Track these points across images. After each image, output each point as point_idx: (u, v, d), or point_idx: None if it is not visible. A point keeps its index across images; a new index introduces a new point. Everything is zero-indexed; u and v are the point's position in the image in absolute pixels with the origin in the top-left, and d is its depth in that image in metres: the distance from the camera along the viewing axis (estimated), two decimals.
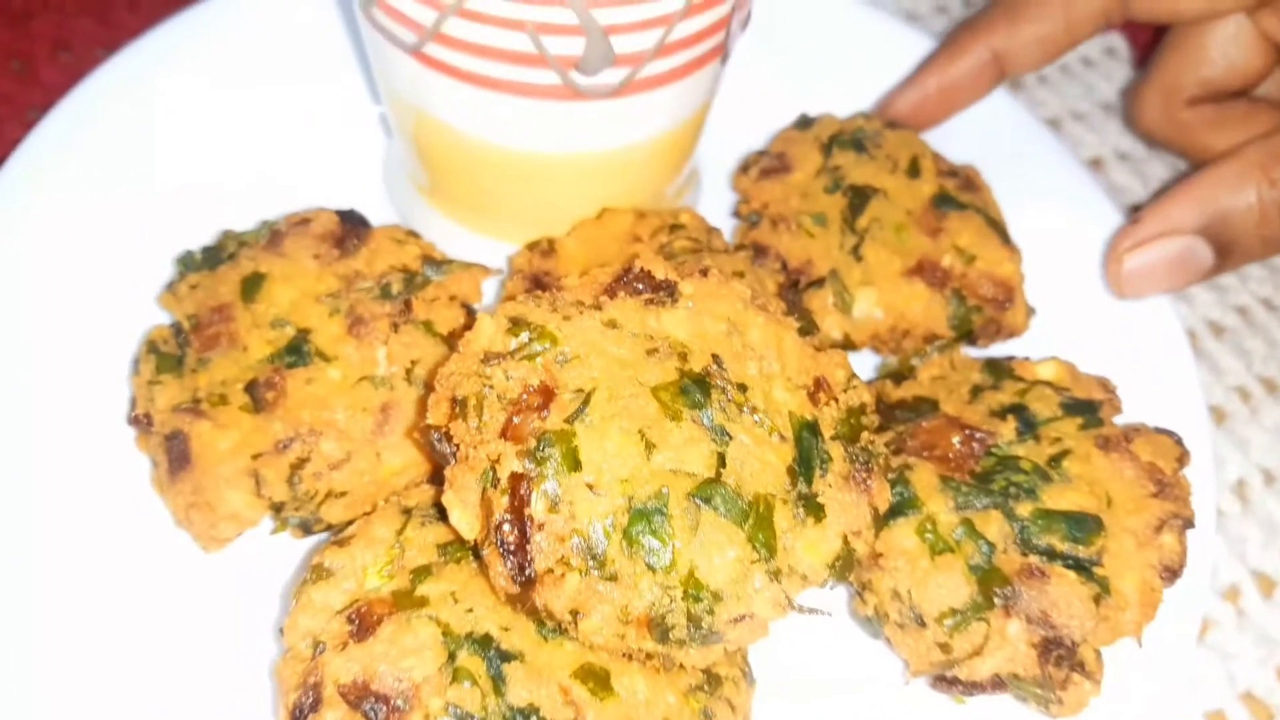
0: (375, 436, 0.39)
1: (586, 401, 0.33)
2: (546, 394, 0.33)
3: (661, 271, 0.37)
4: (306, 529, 0.39)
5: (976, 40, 0.52)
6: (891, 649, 0.38)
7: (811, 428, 0.35)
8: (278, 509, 0.38)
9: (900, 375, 0.44)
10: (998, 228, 0.47)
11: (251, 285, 0.41)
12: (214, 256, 0.43)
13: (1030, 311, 0.47)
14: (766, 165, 0.50)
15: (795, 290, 0.46)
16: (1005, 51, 0.52)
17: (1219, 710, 0.42)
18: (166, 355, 0.41)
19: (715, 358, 0.35)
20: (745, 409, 0.34)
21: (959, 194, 0.48)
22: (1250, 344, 0.53)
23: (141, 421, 0.40)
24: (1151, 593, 0.37)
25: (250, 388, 0.39)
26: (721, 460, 0.33)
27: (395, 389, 0.39)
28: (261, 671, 0.37)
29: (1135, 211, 0.56)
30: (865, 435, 0.37)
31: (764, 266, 0.46)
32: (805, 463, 0.34)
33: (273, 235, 0.43)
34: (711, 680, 0.35)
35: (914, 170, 0.49)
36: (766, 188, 0.49)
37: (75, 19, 0.60)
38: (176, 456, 0.39)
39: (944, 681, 0.37)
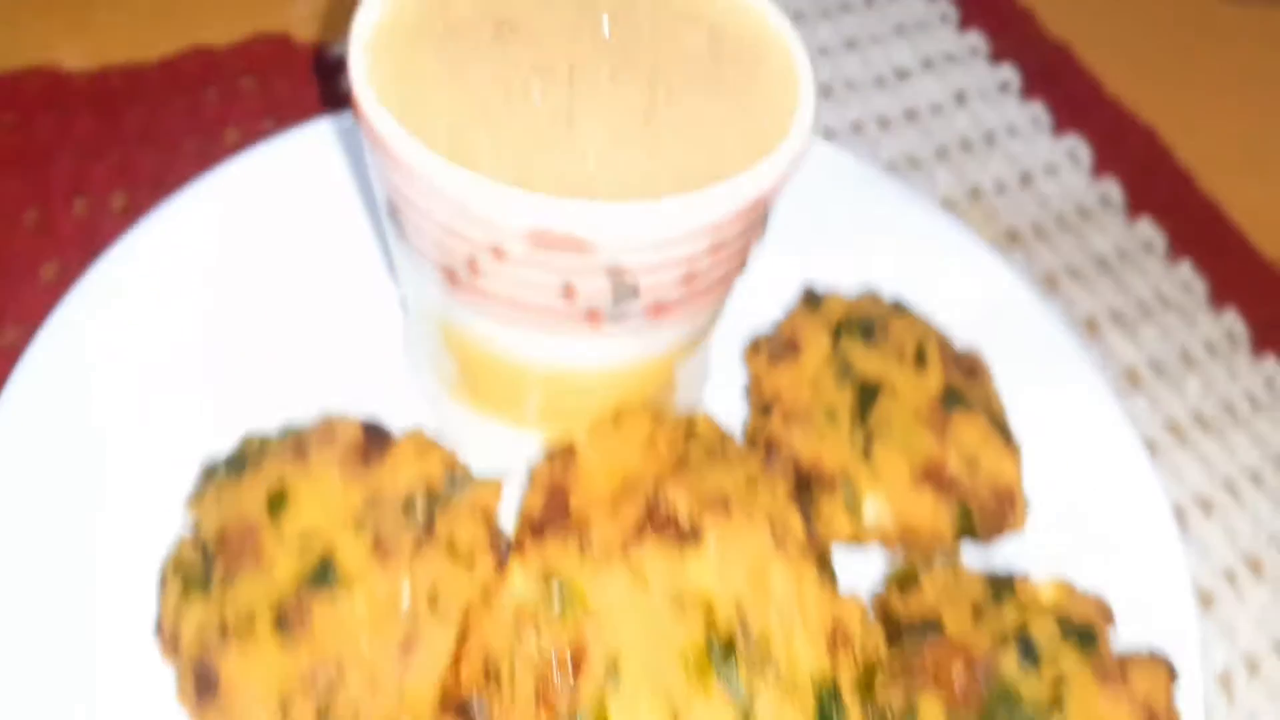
0: (400, 667, 0.40)
1: (616, 669, 0.34)
2: (578, 658, 0.35)
3: (686, 511, 0.39)
4: None
5: None
6: None
7: (832, 691, 0.37)
8: None
9: (906, 581, 0.46)
10: (999, 426, 0.49)
11: (277, 501, 0.42)
12: (238, 464, 0.44)
13: (1026, 510, 0.48)
14: (776, 349, 0.51)
15: (806, 492, 0.47)
16: None
17: None
18: (193, 573, 0.41)
19: (741, 616, 0.36)
20: (768, 667, 0.36)
21: (963, 388, 0.50)
22: (1238, 522, 0.55)
23: (168, 639, 0.41)
24: None
25: (278, 617, 0.40)
26: None
27: (419, 617, 0.40)
28: None
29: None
30: (880, 688, 0.38)
31: (775, 464, 0.48)
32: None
33: (297, 445, 0.43)
34: None
35: (920, 359, 0.50)
36: (778, 374, 0.50)
37: (92, 163, 0.60)
38: (205, 685, 0.39)
39: None
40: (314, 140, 0.55)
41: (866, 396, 0.49)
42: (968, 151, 0.69)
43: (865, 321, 0.51)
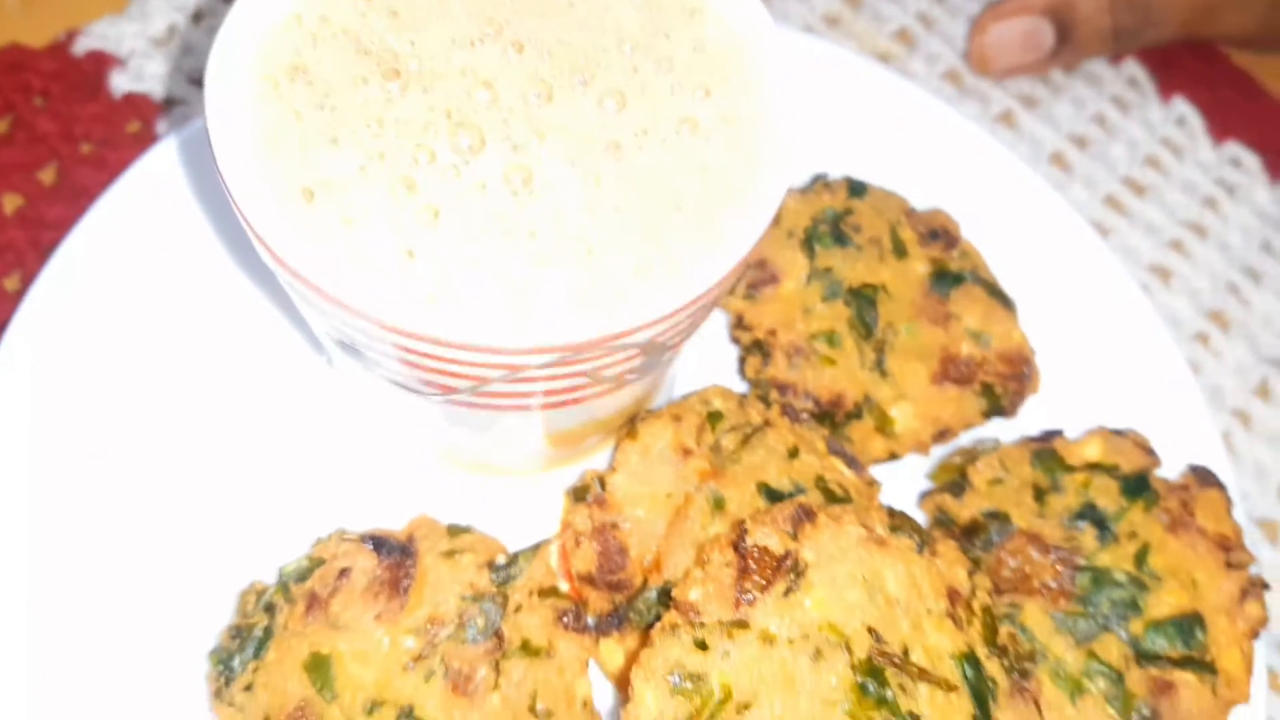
0: None
1: None
2: None
3: (776, 542, 0.36)
4: None
5: None
6: None
7: (972, 662, 0.36)
8: None
9: (957, 486, 0.45)
10: (993, 290, 0.47)
11: (320, 674, 0.37)
12: (251, 641, 0.38)
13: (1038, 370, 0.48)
14: (751, 277, 0.47)
15: (833, 424, 0.45)
16: None
17: None
18: None
19: (873, 632, 0.35)
20: (918, 678, 0.35)
21: (948, 262, 0.47)
22: (1196, 281, 0.57)
23: None
24: (1250, 660, 0.41)
25: None
26: None
27: None
28: None
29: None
30: (1003, 631, 0.38)
31: (796, 408, 0.45)
32: (981, 703, 0.36)
33: (310, 602, 0.38)
34: None
35: (899, 249, 0.47)
36: (762, 308, 0.46)
37: None
38: None
39: None
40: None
41: (863, 308, 0.46)
42: None
43: (833, 222, 0.47)
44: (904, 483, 0.46)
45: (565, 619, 0.39)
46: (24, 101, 0.52)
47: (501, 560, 0.39)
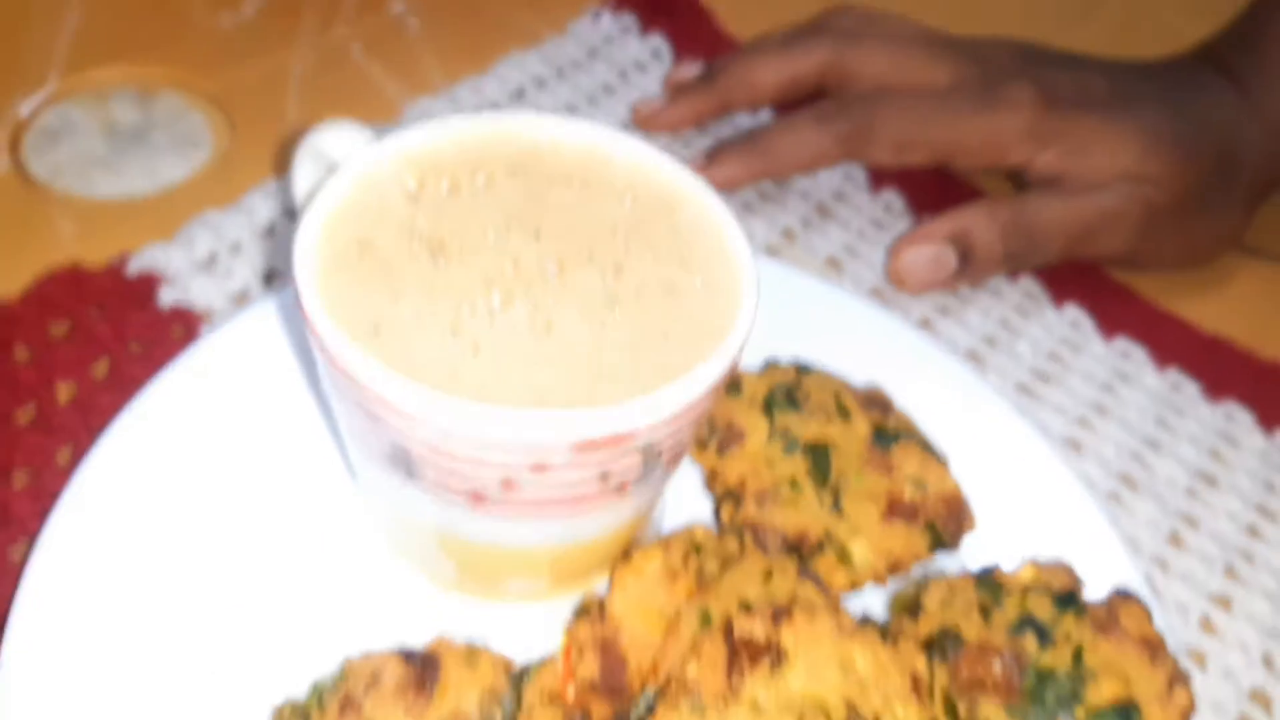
0: None
1: None
2: None
3: (760, 631, 0.41)
4: None
5: None
6: None
7: None
8: None
9: (912, 607, 0.51)
10: (926, 446, 0.55)
11: None
12: None
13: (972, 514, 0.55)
14: (721, 439, 0.55)
15: (801, 559, 0.51)
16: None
17: None
18: None
19: (849, 704, 0.40)
20: None
21: (886, 424, 0.56)
22: (1104, 449, 0.65)
23: None
24: None
25: None
26: None
27: None
28: None
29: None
30: (961, 709, 0.43)
31: (766, 543, 0.51)
32: None
33: (344, 705, 0.42)
34: None
35: (844, 412, 0.56)
36: (731, 463, 0.54)
37: None
38: None
39: None
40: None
41: (818, 460, 0.53)
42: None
43: (787, 391, 0.56)
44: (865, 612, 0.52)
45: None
46: (82, 311, 0.61)
47: (516, 669, 0.44)
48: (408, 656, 0.43)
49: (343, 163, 0.44)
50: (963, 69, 0.73)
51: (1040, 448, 0.59)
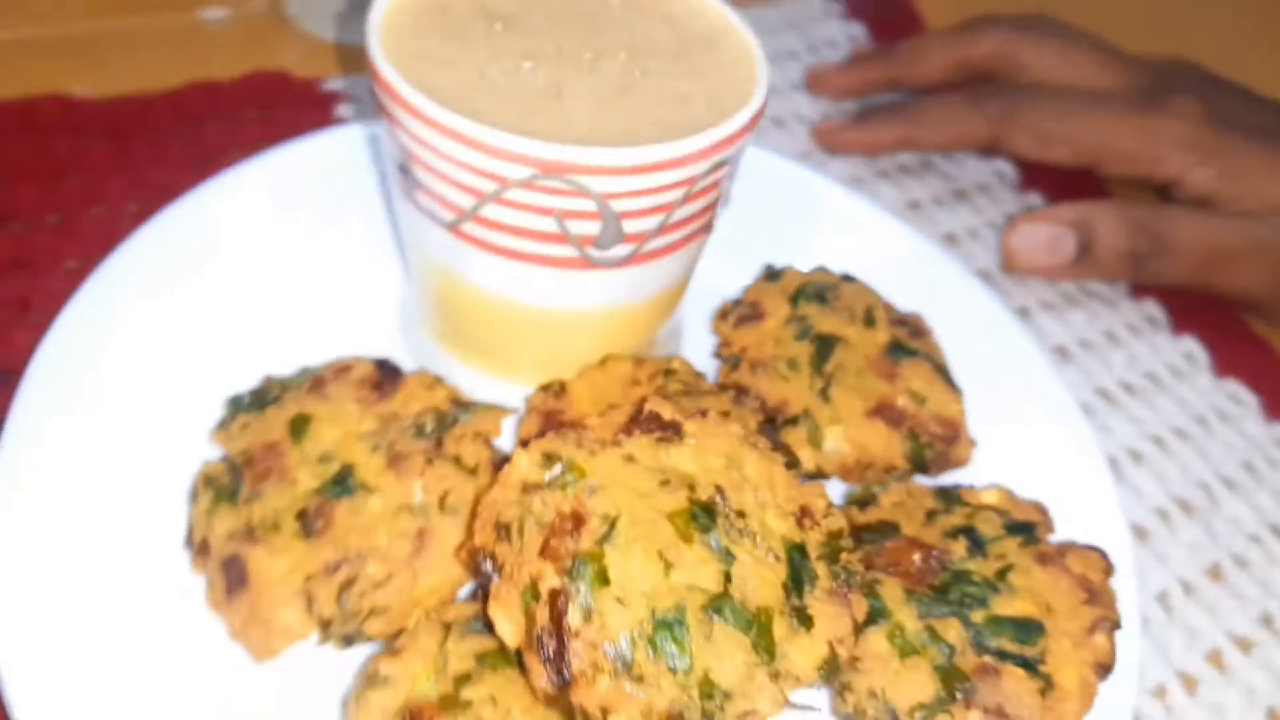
0: (413, 559, 0.44)
1: (613, 527, 0.39)
2: (578, 520, 0.39)
3: (669, 413, 0.44)
4: (348, 642, 0.44)
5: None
6: None
7: (800, 550, 0.41)
8: (326, 625, 0.43)
9: (865, 501, 0.51)
10: (943, 373, 0.55)
11: (299, 426, 0.46)
12: (261, 399, 0.48)
13: (972, 444, 0.54)
14: (742, 313, 0.57)
15: (773, 427, 0.53)
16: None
17: None
18: (221, 488, 0.46)
19: (719, 488, 0.41)
20: (745, 533, 0.40)
21: (909, 342, 0.56)
22: (1167, 469, 0.61)
23: (199, 546, 0.45)
24: (1088, 686, 0.43)
25: (301, 517, 0.44)
26: (728, 577, 0.39)
27: (430, 517, 0.44)
28: None
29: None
30: (844, 555, 0.43)
31: (745, 405, 0.53)
32: (797, 580, 0.40)
33: (315, 381, 0.48)
34: None
35: (870, 320, 0.56)
36: (744, 334, 0.56)
37: (107, 179, 0.66)
38: (234, 579, 0.43)
39: None
40: (333, 142, 0.62)
41: (823, 348, 0.54)
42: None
43: (820, 288, 0.57)
44: None
45: (497, 460, 0.47)
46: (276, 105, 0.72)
47: (466, 403, 0.49)
48: (381, 363, 0.49)
49: None
50: (1132, 78, 0.71)
51: (1071, 413, 0.56)
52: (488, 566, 0.39)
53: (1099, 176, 0.75)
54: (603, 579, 0.38)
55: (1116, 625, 0.44)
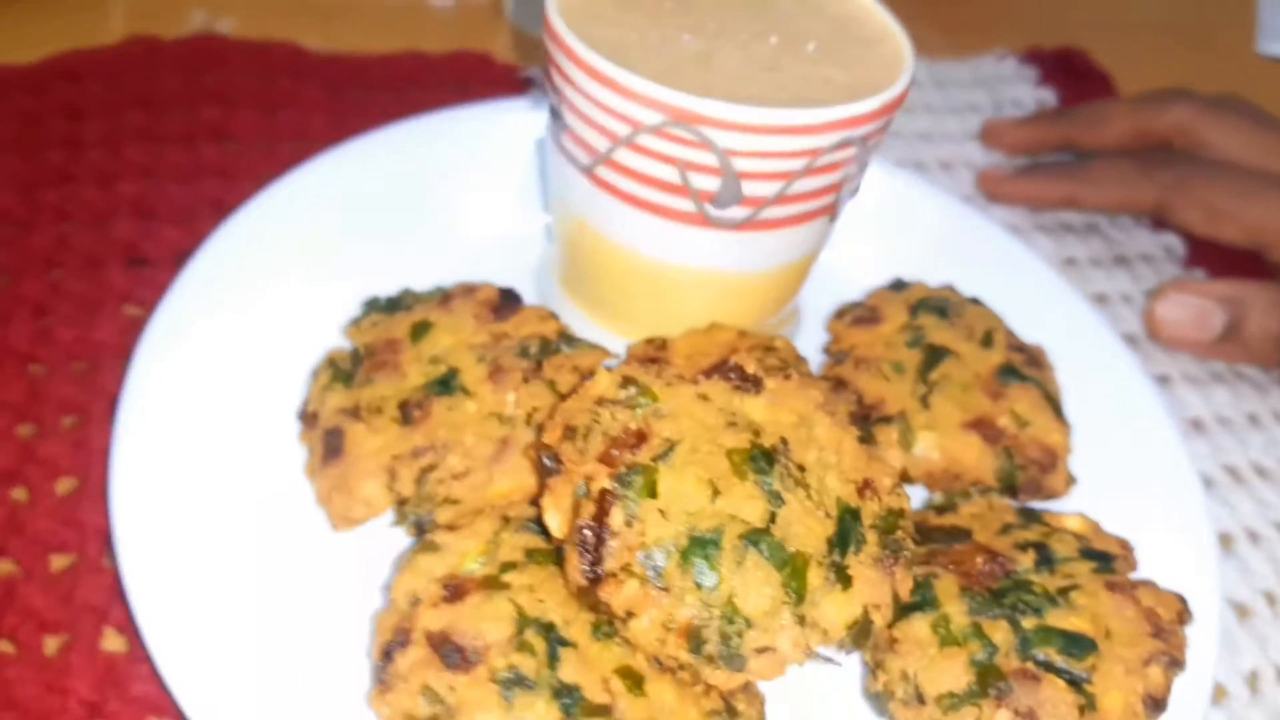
0: (493, 461, 0.47)
1: (671, 448, 0.41)
2: (641, 436, 0.41)
3: (753, 367, 0.45)
4: (420, 528, 0.47)
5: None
6: None
7: (854, 513, 0.42)
8: (402, 504, 0.46)
9: (944, 509, 0.50)
10: (1052, 402, 0.54)
11: (420, 329, 0.51)
12: (394, 305, 0.53)
13: (1071, 480, 0.53)
14: (859, 315, 0.58)
15: (866, 423, 0.53)
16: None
17: None
18: (340, 371, 0.50)
19: (784, 440, 0.42)
20: (800, 484, 0.41)
21: (1023, 368, 0.55)
22: None
23: (309, 418, 0.49)
24: (1133, 717, 0.41)
25: (402, 405, 0.48)
26: (773, 518, 0.40)
27: (516, 428, 0.47)
28: (366, 621, 0.44)
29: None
30: (900, 533, 0.43)
31: (841, 398, 0.54)
32: (843, 538, 0.41)
33: (444, 296, 0.53)
34: (730, 711, 0.41)
35: (987, 341, 0.56)
36: (856, 334, 0.57)
37: (313, 117, 0.73)
38: (331, 447, 0.48)
39: None
40: (505, 110, 0.68)
41: (932, 357, 0.55)
42: None
43: (942, 304, 0.58)
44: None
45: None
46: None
47: (574, 338, 0.52)
48: (505, 290, 0.53)
49: None
50: None
51: (1186, 476, 0.54)
52: (550, 463, 0.42)
53: (1269, 263, 0.71)
54: (651, 491, 0.39)
55: (1178, 664, 0.42)
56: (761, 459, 0.41)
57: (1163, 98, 0.75)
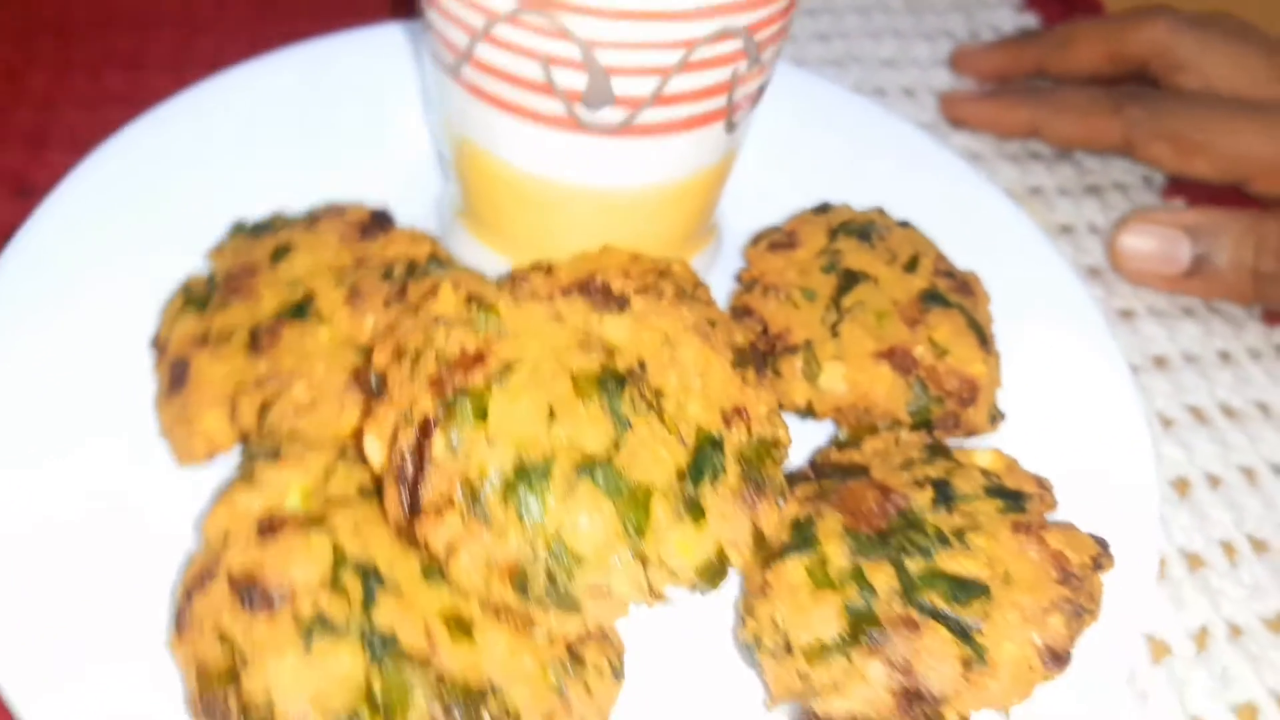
0: (344, 393, 0.43)
1: (509, 370, 0.37)
2: (478, 358, 0.37)
3: (619, 285, 0.41)
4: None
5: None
6: (761, 676, 0.39)
7: (714, 442, 0.37)
8: (244, 438, 0.43)
9: (846, 445, 0.46)
10: (978, 330, 0.49)
11: (280, 252, 0.47)
12: (261, 229, 0.49)
13: (997, 415, 0.48)
14: (775, 240, 0.53)
15: (770, 353, 0.48)
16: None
17: None
18: (194, 297, 0.47)
19: (641, 363, 0.38)
20: (653, 409, 0.37)
21: (949, 294, 0.50)
22: (1248, 502, 0.52)
23: (159, 346, 0.46)
24: (1028, 671, 0.36)
25: (253, 332, 0.44)
26: (616, 446, 0.36)
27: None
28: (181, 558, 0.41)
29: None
30: (769, 465, 0.39)
31: (743, 325, 0.49)
32: (697, 469, 0.37)
33: (311, 218, 0.49)
34: (575, 660, 0.37)
35: (912, 265, 0.51)
36: (770, 259, 0.52)
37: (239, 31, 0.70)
38: (176, 378, 0.44)
39: (805, 715, 0.37)
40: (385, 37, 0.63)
41: (847, 282, 0.50)
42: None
43: (866, 227, 0.53)
44: (806, 444, 0.47)
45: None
46: None
47: (445, 259, 0.48)
48: (376, 211, 0.49)
49: None
50: None
51: (1134, 418, 0.49)
52: (377, 387, 0.38)
53: (1251, 194, 0.65)
54: (479, 416, 0.36)
55: (1086, 613, 0.37)
56: (611, 381, 0.37)
57: (1140, 14, 0.69)
